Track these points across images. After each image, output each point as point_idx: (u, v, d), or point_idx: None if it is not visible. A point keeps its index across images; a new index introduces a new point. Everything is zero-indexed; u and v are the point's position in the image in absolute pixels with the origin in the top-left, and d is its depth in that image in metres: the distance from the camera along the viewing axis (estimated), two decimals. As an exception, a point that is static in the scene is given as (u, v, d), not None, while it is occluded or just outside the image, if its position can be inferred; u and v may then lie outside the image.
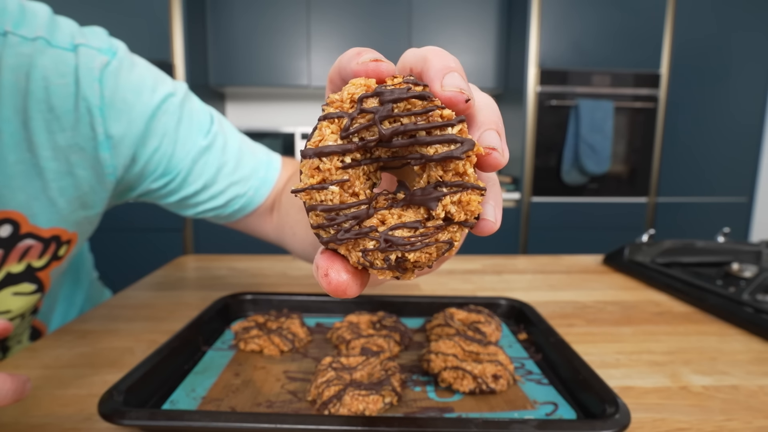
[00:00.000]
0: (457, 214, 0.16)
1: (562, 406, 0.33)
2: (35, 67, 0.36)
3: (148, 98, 0.42)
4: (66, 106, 0.38)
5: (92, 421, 0.31)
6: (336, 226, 0.16)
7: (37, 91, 0.36)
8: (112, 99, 0.40)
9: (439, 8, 2.18)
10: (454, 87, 0.17)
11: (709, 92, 2.09)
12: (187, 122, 0.44)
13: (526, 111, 2.05)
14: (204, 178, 0.45)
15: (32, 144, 0.37)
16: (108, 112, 0.40)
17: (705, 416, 0.33)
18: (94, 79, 0.38)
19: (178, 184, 0.45)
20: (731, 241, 0.78)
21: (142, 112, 0.41)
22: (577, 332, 0.49)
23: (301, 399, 0.33)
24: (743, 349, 0.45)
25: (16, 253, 0.40)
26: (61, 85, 0.37)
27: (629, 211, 2.14)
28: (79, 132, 0.39)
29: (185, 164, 0.44)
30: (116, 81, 0.40)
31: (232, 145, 0.46)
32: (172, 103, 0.43)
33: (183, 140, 0.44)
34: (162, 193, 0.46)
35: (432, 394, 0.34)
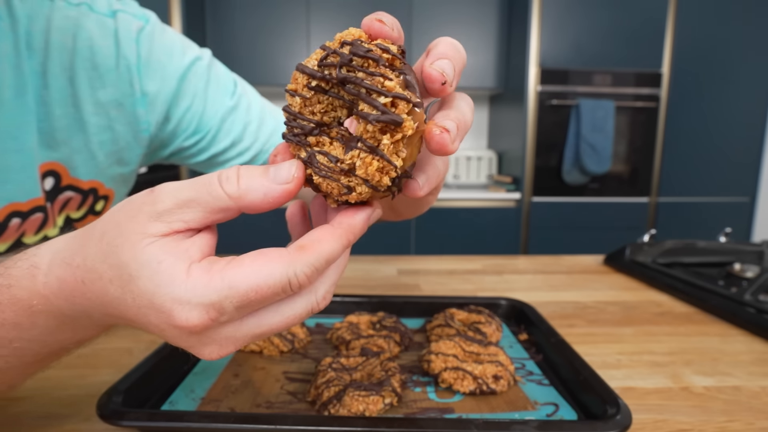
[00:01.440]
0: (359, 169, 0.19)
1: (563, 406, 0.32)
2: (81, 29, 0.39)
3: (179, 60, 0.45)
4: (108, 64, 0.41)
5: (91, 422, 0.31)
6: (288, 128, 0.21)
7: (83, 50, 0.40)
8: (148, 59, 0.43)
9: (440, 8, 2.18)
10: (438, 68, 0.20)
11: (711, 91, 2.09)
12: (214, 84, 0.48)
13: (527, 110, 2.04)
14: (232, 135, 0.49)
15: (77, 99, 0.40)
16: (144, 71, 0.43)
17: (707, 417, 0.33)
18: (132, 40, 0.42)
19: (208, 141, 0.48)
20: (733, 242, 0.78)
21: (174, 72, 0.45)
22: (578, 333, 0.49)
23: (301, 400, 0.33)
24: (745, 350, 0.45)
25: (57, 204, 0.42)
26: (104, 46, 0.41)
27: (630, 211, 2.13)
28: (118, 89, 0.42)
29: (214, 123, 0.48)
30: (150, 43, 0.44)
31: (255, 106, 0.51)
32: (200, 66, 0.47)
33: (212, 100, 0.47)
34: (193, 151, 0.49)
35: (432, 395, 0.34)
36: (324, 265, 0.20)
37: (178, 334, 0.20)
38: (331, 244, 0.20)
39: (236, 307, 0.19)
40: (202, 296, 0.19)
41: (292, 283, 0.19)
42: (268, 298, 0.19)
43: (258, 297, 0.19)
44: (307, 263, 0.19)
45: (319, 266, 0.20)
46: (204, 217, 0.20)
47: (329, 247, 0.20)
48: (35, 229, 0.40)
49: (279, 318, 0.21)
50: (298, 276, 0.19)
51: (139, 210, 0.20)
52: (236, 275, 0.19)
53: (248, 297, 0.19)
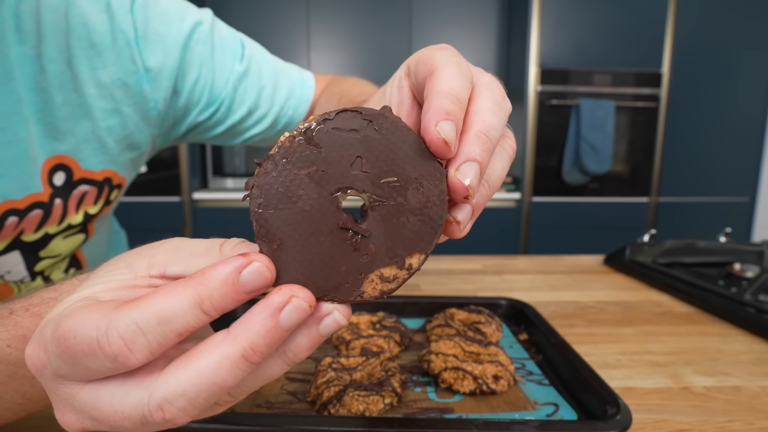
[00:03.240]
0: None
1: (563, 406, 0.32)
2: (72, 5, 0.36)
3: (178, 28, 0.42)
4: (105, 41, 0.38)
5: (91, 422, 0.31)
6: None
7: (77, 28, 0.37)
8: (145, 31, 0.40)
9: (440, 7, 2.18)
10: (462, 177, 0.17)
11: (711, 91, 2.09)
12: (220, 49, 0.45)
13: (527, 110, 2.04)
14: (247, 103, 0.47)
15: (78, 82, 0.38)
16: (143, 44, 0.40)
17: (707, 417, 0.33)
18: (126, 11, 0.39)
19: (224, 112, 0.46)
20: (733, 242, 0.78)
21: (174, 42, 0.42)
22: (577, 333, 0.48)
23: (301, 400, 0.33)
24: (745, 350, 0.45)
25: (72, 201, 0.40)
26: (99, 21, 0.38)
27: (630, 211, 2.13)
28: (120, 67, 0.39)
29: (227, 92, 0.45)
30: (146, 13, 0.40)
31: (267, 68, 0.48)
32: (201, 32, 0.43)
33: (220, 68, 0.45)
34: (210, 124, 0.47)
35: (432, 395, 0.34)
36: (155, 327, 0.15)
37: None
38: (170, 297, 0.15)
39: (56, 355, 0.15)
40: (39, 331, 0.16)
41: (100, 341, 0.14)
42: (79, 357, 0.15)
43: (67, 349, 0.15)
44: (127, 320, 0.15)
45: (146, 327, 0.15)
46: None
47: (166, 303, 0.15)
48: (35, 227, 0.38)
49: (108, 404, 0.16)
50: (108, 334, 0.14)
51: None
52: (67, 317, 0.15)
53: (60, 344, 0.15)
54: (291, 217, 0.16)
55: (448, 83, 0.18)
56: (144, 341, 0.15)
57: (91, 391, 0.16)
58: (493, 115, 0.19)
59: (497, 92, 0.20)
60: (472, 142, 0.18)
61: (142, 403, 0.15)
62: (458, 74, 0.19)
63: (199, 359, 0.15)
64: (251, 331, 0.15)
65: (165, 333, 0.15)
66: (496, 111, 0.19)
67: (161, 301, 0.15)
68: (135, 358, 0.15)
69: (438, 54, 0.20)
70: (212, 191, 2.06)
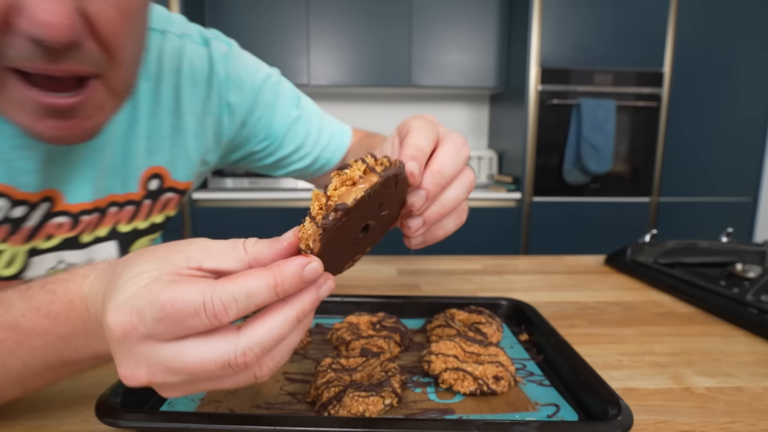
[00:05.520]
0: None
1: (564, 407, 0.32)
2: (184, 54, 0.49)
3: (254, 77, 0.54)
4: (203, 80, 0.50)
5: (89, 422, 0.31)
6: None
7: (186, 70, 0.49)
8: (231, 76, 0.52)
9: (440, 6, 2.18)
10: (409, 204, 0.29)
11: (713, 91, 2.08)
12: (282, 98, 0.56)
13: (528, 110, 2.04)
14: (295, 143, 0.57)
15: (179, 110, 0.49)
16: (228, 86, 0.52)
17: (708, 418, 0.33)
18: (221, 59, 0.51)
19: (275, 147, 0.57)
20: (735, 242, 0.78)
21: (250, 87, 0.53)
22: (578, 333, 0.48)
23: (301, 400, 0.33)
24: (747, 351, 0.45)
25: (159, 204, 0.50)
26: (201, 66, 0.50)
27: (631, 211, 2.13)
28: (210, 100, 0.51)
29: (281, 131, 0.56)
30: (234, 63, 0.52)
31: (315, 118, 0.59)
32: (271, 82, 0.55)
33: (279, 112, 0.56)
34: (262, 155, 0.58)
35: (432, 396, 0.34)
36: (244, 298, 0.20)
37: (108, 338, 0.21)
38: (256, 279, 0.21)
39: (154, 319, 0.20)
40: (130, 299, 0.21)
41: (206, 305, 0.20)
42: (182, 318, 0.20)
43: (173, 311, 0.20)
44: (226, 291, 0.20)
45: (239, 298, 0.20)
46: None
47: (253, 282, 0.21)
48: (127, 219, 0.48)
49: (194, 355, 0.21)
50: (213, 300, 0.20)
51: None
52: (162, 289, 0.20)
53: (164, 309, 0.20)
54: (335, 241, 0.23)
55: (415, 140, 0.29)
56: (235, 307, 0.20)
57: (173, 347, 0.21)
58: (449, 158, 0.29)
59: (457, 143, 0.30)
60: (425, 176, 0.28)
61: (228, 350, 0.21)
62: (424, 134, 0.29)
63: (271, 320, 0.22)
64: (304, 300, 0.22)
65: (248, 303, 0.21)
66: (452, 156, 0.29)
67: (250, 281, 0.21)
68: (228, 318, 0.20)
69: (414, 121, 0.31)
70: (212, 191, 2.06)
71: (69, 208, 0.43)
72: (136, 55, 0.36)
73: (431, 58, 2.21)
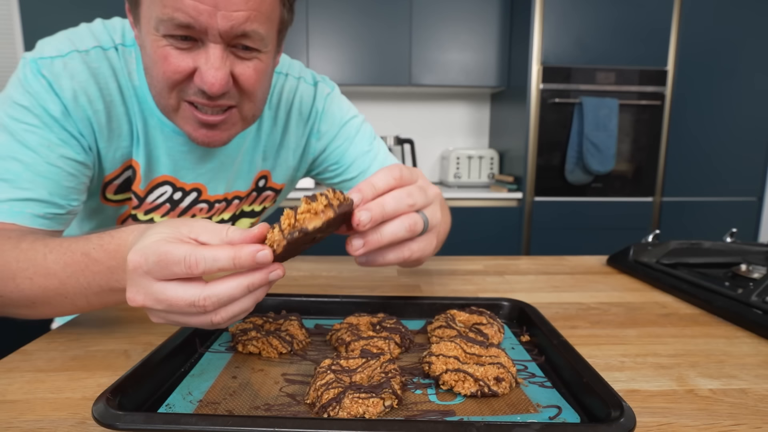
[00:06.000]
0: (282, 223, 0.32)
1: (566, 409, 0.32)
2: (297, 91, 0.67)
3: (343, 115, 0.70)
4: (306, 112, 0.68)
5: (86, 425, 0.31)
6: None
7: (297, 104, 0.67)
8: (326, 111, 0.69)
9: (441, 5, 2.17)
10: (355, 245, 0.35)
11: (717, 89, 2.07)
12: (361, 135, 0.71)
13: (529, 109, 2.03)
14: (359, 170, 0.70)
15: (287, 132, 0.68)
16: (323, 117, 0.69)
17: (712, 421, 0.32)
18: (322, 99, 0.69)
19: (342, 170, 0.71)
20: (739, 242, 0.77)
21: (338, 122, 0.70)
22: (580, 334, 0.48)
23: (300, 402, 0.33)
24: (752, 352, 0.44)
25: (261, 198, 0.71)
26: (307, 102, 0.68)
27: (634, 211, 2.12)
28: (306, 126, 0.69)
29: (350, 160, 0.70)
30: (331, 102, 0.69)
31: (381, 156, 0.72)
32: (355, 121, 0.71)
33: (355, 145, 0.70)
34: (331, 175, 0.72)
35: (433, 397, 0.33)
36: (211, 260, 0.30)
37: (126, 270, 0.31)
38: (222, 251, 0.30)
39: (154, 262, 0.30)
40: (143, 247, 0.31)
41: (186, 258, 0.30)
42: (170, 264, 0.30)
43: (165, 258, 0.30)
44: (200, 252, 0.30)
45: (207, 259, 0.30)
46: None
47: (219, 252, 0.30)
48: (234, 209, 0.69)
49: (173, 292, 0.30)
50: (191, 256, 0.30)
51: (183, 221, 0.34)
52: (163, 244, 0.30)
53: (161, 256, 0.30)
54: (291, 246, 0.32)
55: (373, 177, 0.36)
56: (204, 265, 0.30)
57: (162, 285, 0.31)
58: (393, 198, 0.35)
59: (412, 191, 0.36)
60: (371, 203, 0.35)
61: (195, 294, 0.30)
62: (383, 175, 0.36)
63: (228, 282, 0.31)
64: (255, 276, 0.31)
65: (213, 265, 0.30)
66: (399, 197, 0.35)
67: (217, 250, 0.30)
68: (198, 271, 0.30)
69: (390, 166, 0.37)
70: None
71: (208, 198, 0.65)
72: (263, 96, 0.54)
73: (432, 56, 2.20)
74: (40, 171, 0.50)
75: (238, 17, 0.45)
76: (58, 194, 0.51)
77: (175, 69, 0.47)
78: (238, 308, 0.32)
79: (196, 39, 0.46)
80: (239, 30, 0.45)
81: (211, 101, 0.49)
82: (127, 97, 0.55)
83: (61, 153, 0.51)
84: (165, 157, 0.59)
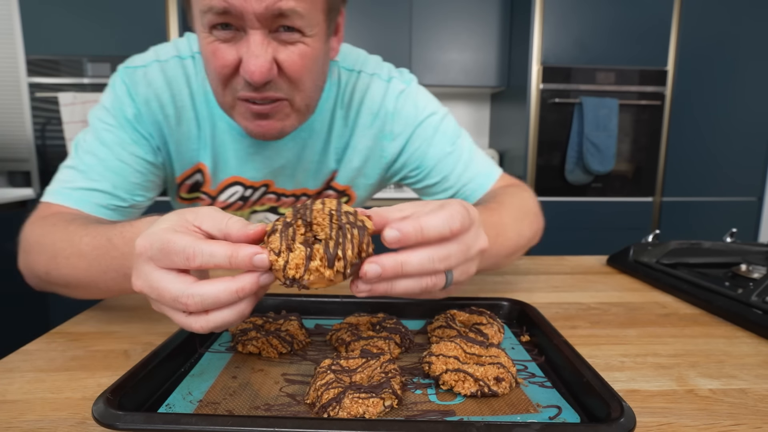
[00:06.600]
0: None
1: (566, 409, 0.32)
2: (369, 89, 0.64)
3: (419, 113, 0.64)
4: (375, 110, 0.64)
5: (86, 425, 0.31)
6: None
7: (367, 102, 0.64)
8: (399, 111, 0.64)
9: (441, 4, 2.17)
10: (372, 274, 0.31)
11: (717, 89, 2.07)
12: (440, 134, 0.65)
13: (529, 109, 2.03)
14: (442, 174, 0.66)
15: (355, 134, 0.64)
16: (395, 118, 0.64)
17: (712, 421, 0.32)
18: (395, 97, 0.64)
19: (424, 175, 0.67)
20: (739, 242, 0.77)
21: (413, 122, 0.64)
22: (580, 334, 0.48)
23: (300, 402, 0.33)
24: (752, 352, 0.44)
25: (322, 196, 0.69)
26: (377, 101, 0.64)
27: (634, 211, 2.12)
28: (378, 128, 0.64)
29: (432, 163, 0.65)
30: (405, 100, 0.64)
31: (466, 155, 0.66)
32: (433, 119, 0.65)
33: (435, 146, 0.65)
34: (413, 180, 0.68)
35: (433, 397, 0.33)
36: (208, 255, 0.29)
37: (134, 254, 0.31)
38: (221, 247, 0.29)
39: (158, 248, 0.30)
40: (151, 234, 0.30)
41: (185, 249, 0.29)
42: (171, 253, 0.29)
43: (167, 247, 0.29)
44: (199, 246, 0.29)
45: (204, 252, 0.29)
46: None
47: (218, 248, 0.29)
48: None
49: (164, 282, 0.30)
50: (189, 248, 0.29)
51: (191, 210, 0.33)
52: (169, 232, 0.30)
53: (164, 244, 0.29)
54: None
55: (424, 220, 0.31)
56: (201, 258, 0.29)
57: (160, 273, 0.30)
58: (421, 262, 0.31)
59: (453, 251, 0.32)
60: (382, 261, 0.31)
61: (180, 289, 0.29)
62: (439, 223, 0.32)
63: (216, 283, 0.30)
64: (245, 280, 0.30)
65: (210, 260, 0.29)
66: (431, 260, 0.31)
67: (216, 247, 0.29)
68: (195, 263, 0.29)
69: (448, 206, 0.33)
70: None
71: (276, 191, 0.67)
72: (312, 84, 0.52)
73: (432, 56, 2.20)
74: (110, 166, 0.55)
75: None
76: (122, 188, 0.55)
77: (222, 63, 0.47)
78: (220, 319, 0.30)
79: (238, 28, 0.46)
80: (275, 9, 0.44)
81: (258, 92, 0.49)
82: (198, 102, 0.59)
83: (132, 151, 0.56)
84: (234, 159, 0.61)
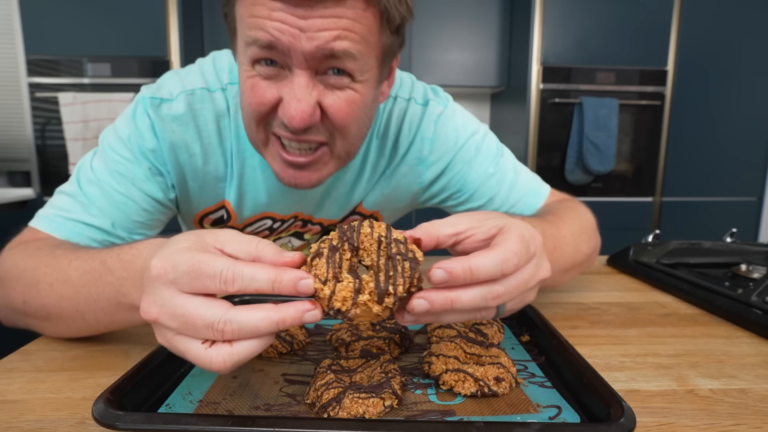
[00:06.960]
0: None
1: (566, 409, 0.32)
2: (407, 114, 0.60)
3: (459, 135, 0.61)
4: (412, 136, 0.61)
5: (86, 425, 0.31)
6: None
7: (405, 128, 0.60)
8: (439, 134, 0.61)
9: (441, 4, 2.17)
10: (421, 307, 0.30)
11: (717, 89, 2.07)
12: (483, 154, 0.62)
13: (529, 109, 2.03)
14: (486, 197, 0.62)
15: (392, 163, 0.62)
16: (434, 144, 0.61)
17: (712, 421, 0.32)
18: (432, 121, 0.60)
19: (467, 198, 0.63)
20: (739, 242, 0.77)
21: (454, 145, 0.61)
22: (580, 334, 0.48)
23: (300, 402, 0.33)
24: (752, 352, 0.44)
25: (345, 221, 0.61)
26: (415, 124, 0.60)
27: (634, 211, 2.12)
28: (414, 155, 0.61)
29: (475, 185, 0.62)
30: (444, 123, 0.61)
31: (510, 174, 0.63)
32: (474, 139, 0.62)
33: (476, 167, 0.62)
34: (455, 203, 0.64)
35: (433, 397, 0.33)
36: (249, 279, 0.27)
37: (146, 277, 0.28)
38: (263, 270, 0.27)
39: (184, 271, 0.27)
40: (171, 254, 0.27)
41: (223, 272, 0.26)
42: (204, 276, 0.26)
43: (200, 269, 0.26)
44: (239, 268, 0.27)
45: (245, 277, 0.27)
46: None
47: (260, 271, 0.27)
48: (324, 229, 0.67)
49: (194, 307, 0.27)
50: (228, 271, 0.27)
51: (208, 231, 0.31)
52: (197, 253, 0.27)
53: (194, 265, 0.26)
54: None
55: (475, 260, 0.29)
56: (241, 282, 0.27)
57: (185, 299, 0.27)
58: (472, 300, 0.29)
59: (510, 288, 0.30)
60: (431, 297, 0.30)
61: (217, 315, 0.26)
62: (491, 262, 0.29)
63: (256, 310, 0.27)
64: (288, 310, 0.27)
65: (250, 284, 0.27)
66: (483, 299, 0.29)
67: (258, 270, 0.27)
68: (233, 288, 0.27)
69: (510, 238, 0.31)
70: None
71: (304, 218, 0.65)
72: (358, 132, 0.48)
73: (432, 56, 2.20)
74: (114, 200, 0.51)
75: (324, 36, 0.40)
76: (122, 226, 0.51)
77: (260, 100, 0.44)
78: (246, 350, 0.27)
79: (283, 66, 0.42)
80: (326, 49, 0.40)
81: (295, 135, 0.44)
82: (226, 139, 0.55)
83: (142, 188, 0.52)
84: (265, 197, 0.58)
